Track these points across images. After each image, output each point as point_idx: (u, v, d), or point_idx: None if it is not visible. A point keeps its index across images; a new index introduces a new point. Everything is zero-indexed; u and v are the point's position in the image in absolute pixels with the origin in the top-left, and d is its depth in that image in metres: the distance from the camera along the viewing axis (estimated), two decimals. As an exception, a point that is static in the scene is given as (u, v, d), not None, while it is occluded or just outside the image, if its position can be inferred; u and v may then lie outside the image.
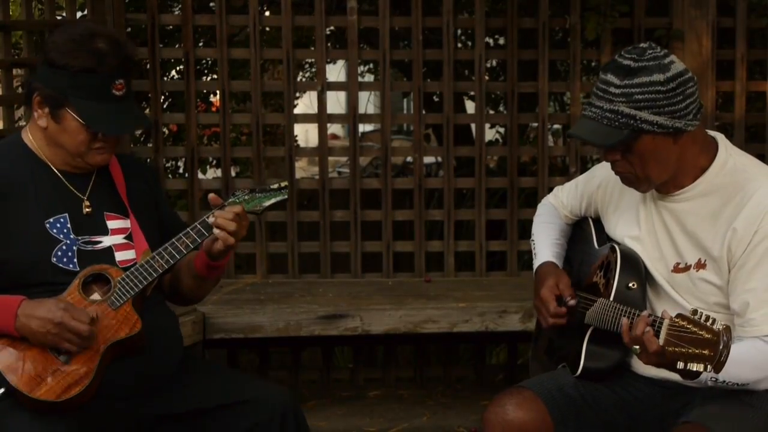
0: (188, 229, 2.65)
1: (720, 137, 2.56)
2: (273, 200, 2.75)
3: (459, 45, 6.76)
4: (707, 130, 2.58)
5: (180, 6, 4.71)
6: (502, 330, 4.09)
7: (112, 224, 2.69)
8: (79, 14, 4.82)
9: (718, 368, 2.12)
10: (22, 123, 4.99)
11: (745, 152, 2.59)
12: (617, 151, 2.45)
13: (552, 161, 5.90)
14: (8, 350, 2.49)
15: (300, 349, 4.73)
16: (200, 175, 5.08)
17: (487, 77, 6.29)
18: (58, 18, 4.62)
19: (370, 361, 5.19)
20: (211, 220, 2.63)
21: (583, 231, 2.88)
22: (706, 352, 2.10)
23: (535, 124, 5.08)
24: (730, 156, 2.51)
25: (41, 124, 2.62)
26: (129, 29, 4.60)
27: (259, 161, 4.60)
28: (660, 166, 2.45)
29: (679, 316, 2.16)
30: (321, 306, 4.08)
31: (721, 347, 2.09)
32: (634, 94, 2.37)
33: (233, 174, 5.53)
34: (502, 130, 7.52)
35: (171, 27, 5.54)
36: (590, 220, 2.85)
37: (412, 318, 4.05)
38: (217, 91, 4.63)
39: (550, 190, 3.08)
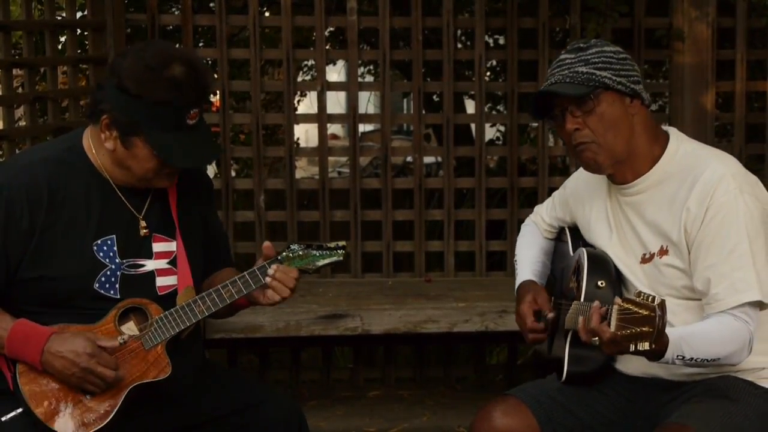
0: (236, 278, 2.55)
1: (672, 130, 2.64)
2: (327, 261, 2.62)
3: (459, 45, 6.76)
4: (662, 126, 2.66)
5: (180, 6, 4.71)
6: (502, 330, 4.09)
7: (157, 247, 2.59)
8: (78, 14, 4.81)
9: (658, 341, 2.17)
10: (22, 123, 4.99)
11: (695, 140, 2.65)
12: (578, 118, 2.51)
13: (552, 161, 5.89)
14: (32, 374, 2.45)
15: (300, 349, 4.73)
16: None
17: (487, 77, 6.30)
18: (58, 18, 4.61)
19: (370, 361, 5.19)
20: (268, 280, 2.53)
21: (562, 242, 2.91)
22: (646, 328, 2.14)
23: (535, 124, 5.08)
24: (680, 144, 2.59)
25: (108, 146, 2.48)
26: (129, 29, 4.59)
27: (259, 161, 4.61)
28: (617, 133, 2.51)
29: (624, 299, 2.20)
30: (321, 306, 4.08)
31: (657, 320, 2.13)
32: (591, 58, 2.52)
33: (233, 174, 5.52)
34: (502, 128, 7.52)
35: (171, 27, 5.54)
36: (567, 230, 2.89)
37: (412, 318, 4.05)
38: (217, 91, 4.63)
39: (551, 190, 3.10)
